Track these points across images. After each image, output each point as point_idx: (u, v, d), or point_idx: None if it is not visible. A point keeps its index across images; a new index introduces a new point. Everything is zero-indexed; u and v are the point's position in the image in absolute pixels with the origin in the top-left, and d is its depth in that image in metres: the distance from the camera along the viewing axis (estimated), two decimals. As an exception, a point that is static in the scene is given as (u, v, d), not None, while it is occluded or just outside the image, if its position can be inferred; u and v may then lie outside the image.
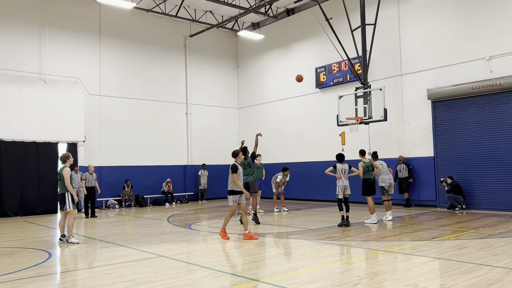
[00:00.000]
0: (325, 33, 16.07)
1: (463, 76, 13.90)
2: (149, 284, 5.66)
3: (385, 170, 11.74)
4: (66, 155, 9.38)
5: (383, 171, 11.70)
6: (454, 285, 5.23)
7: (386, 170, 11.78)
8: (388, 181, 11.65)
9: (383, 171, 11.69)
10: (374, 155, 11.99)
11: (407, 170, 14.85)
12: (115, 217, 14.68)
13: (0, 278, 6.13)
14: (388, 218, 11.49)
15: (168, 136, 20.15)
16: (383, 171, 11.70)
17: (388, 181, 11.64)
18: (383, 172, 11.67)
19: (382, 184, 11.66)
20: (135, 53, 19.32)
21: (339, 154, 11.07)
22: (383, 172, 11.69)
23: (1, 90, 15.01)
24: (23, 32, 16.39)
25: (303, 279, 5.70)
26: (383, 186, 11.66)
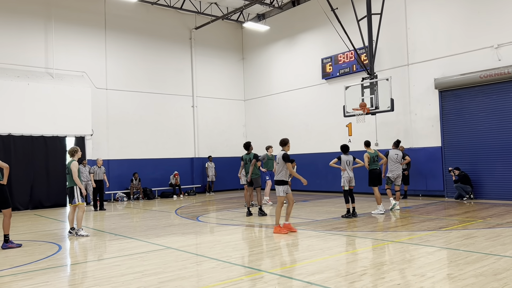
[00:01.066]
0: (331, 23, 15.96)
1: (471, 65, 13.75)
2: (157, 275, 5.72)
3: (395, 161, 11.71)
4: (74, 149, 9.47)
5: (392, 161, 11.65)
6: (461, 274, 5.23)
7: (396, 161, 11.74)
8: (396, 173, 11.67)
9: (392, 161, 11.64)
10: (397, 143, 12.03)
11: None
12: (123, 209, 14.82)
13: (12, 270, 6.24)
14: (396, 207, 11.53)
15: (175, 128, 20.22)
16: (391, 162, 11.66)
17: (396, 173, 11.66)
18: (391, 162, 11.63)
19: (389, 174, 11.68)
20: (140, 46, 19.34)
21: (344, 145, 10.95)
22: (391, 162, 11.66)
23: (9, 85, 15.12)
24: (29, 27, 16.46)
25: (310, 269, 5.73)
26: (389, 176, 11.68)
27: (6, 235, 8.06)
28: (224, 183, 21.15)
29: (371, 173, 11.26)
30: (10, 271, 6.17)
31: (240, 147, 22.12)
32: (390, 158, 11.73)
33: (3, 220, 8.11)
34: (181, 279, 5.51)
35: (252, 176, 11.65)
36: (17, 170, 15.10)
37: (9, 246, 7.96)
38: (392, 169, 11.68)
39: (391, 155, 11.77)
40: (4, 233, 8.07)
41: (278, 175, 8.75)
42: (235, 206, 14.22)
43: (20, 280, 5.71)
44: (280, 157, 8.72)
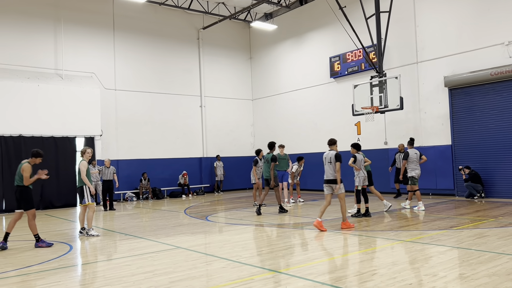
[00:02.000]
0: (339, 21, 15.89)
1: (481, 62, 13.61)
2: (167, 275, 5.74)
3: (416, 160, 11.51)
4: (83, 149, 9.61)
5: (413, 160, 11.47)
6: (474, 274, 5.17)
7: (417, 160, 11.53)
8: (419, 171, 11.53)
9: (413, 160, 11.46)
10: (412, 142, 11.88)
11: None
12: (133, 209, 14.89)
13: (24, 270, 6.29)
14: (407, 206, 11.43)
15: (183, 128, 20.28)
16: (413, 161, 11.46)
17: (418, 171, 11.51)
18: (413, 161, 11.47)
19: (413, 174, 11.45)
20: (149, 47, 19.42)
21: (357, 143, 10.77)
22: (413, 161, 11.47)
23: (20, 87, 15.27)
24: (39, 28, 16.60)
25: (320, 269, 5.71)
26: (413, 176, 11.46)
27: (36, 235, 8.17)
28: (233, 182, 21.17)
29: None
30: (22, 271, 6.22)
31: (248, 147, 22.17)
32: (411, 158, 11.48)
33: (28, 222, 8.19)
34: (192, 278, 5.51)
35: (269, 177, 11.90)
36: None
37: (40, 245, 8.04)
38: (414, 168, 11.49)
39: (411, 155, 11.50)
40: (32, 233, 8.19)
41: (332, 175, 8.88)
42: (244, 206, 14.23)
43: (32, 280, 5.76)
44: (332, 156, 8.90)
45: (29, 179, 8.16)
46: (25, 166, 8.20)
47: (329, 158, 8.97)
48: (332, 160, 8.87)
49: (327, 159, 9.01)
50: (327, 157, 9.02)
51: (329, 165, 8.92)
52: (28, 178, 8.15)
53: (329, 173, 8.91)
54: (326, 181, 8.97)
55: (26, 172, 8.15)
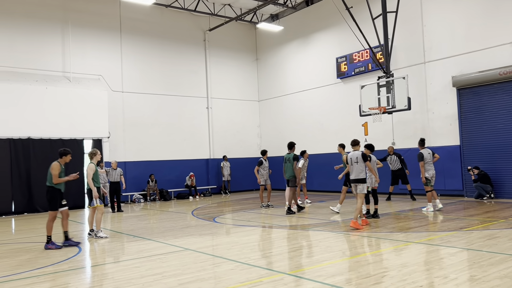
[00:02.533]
0: (346, 22, 15.84)
1: (490, 61, 13.50)
2: (176, 277, 5.74)
3: (430, 161, 11.29)
4: (92, 152, 9.64)
5: (427, 161, 11.26)
6: (485, 276, 5.12)
7: (430, 160, 11.30)
8: (433, 172, 11.26)
9: (427, 161, 11.25)
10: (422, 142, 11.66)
11: (399, 161, 14.09)
12: (140, 211, 14.94)
13: (34, 272, 6.32)
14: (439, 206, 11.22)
15: (190, 130, 20.32)
16: (427, 161, 11.25)
17: (432, 172, 11.24)
18: (427, 162, 11.24)
19: (427, 175, 11.19)
20: (155, 49, 19.49)
21: (371, 144, 10.56)
22: (427, 162, 11.24)
23: (28, 90, 15.38)
24: (47, 31, 16.72)
25: (329, 271, 5.68)
26: (427, 177, 11.19)
27: (49, 236, 8.23)
28: (239, 183, 21.17)
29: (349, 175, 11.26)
30: (32, 273, 6.25)
31: (255, 148, 22.17)
32: (426, 158, 11.23)
33: (47, 221, 8.33)
34: (201, 280, 5.51)
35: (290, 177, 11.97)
36: (37, 172, 15.36)
37: (49, 247, 8.09)
38: (428, 169, 11.25)
39: (425, 155, 11.25)
40: (46, 233, 8.26)
41: (360, 174, 9.13)
42: (251, 207, 14.22)
43: (42, 282, 5.79)
44: (359, 156, 9.18)
45: (58, 178, 8.22)
46: (54, 164, 8.29)
47: (355, 158, 9.25)
48: (359, 160, 9.15)
49: (353, 159, 9.26)
50: (353, 157, 9.27)
51: (356, 164, 9.21)
52: (57, 176, 8.19)
53: (358, 172, 9.18)
54: (354, 180, 9.24)
55: (54, 170, 8.21)
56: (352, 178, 9.30)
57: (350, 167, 9.36)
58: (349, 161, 9.35)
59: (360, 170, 9.16)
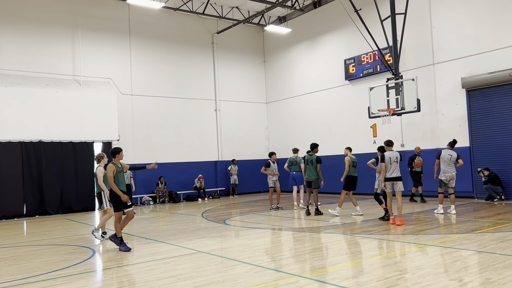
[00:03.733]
0: (354, 24, 15.86)
1: (499, 63, 13.46)
2: (192, 279, 5.80)
3: (448, 162, 10.97)
4: (100, 155, 9.70)
5: (444, 161, 11.00)
6: (500, 279, 5.13)
7: (449, 162, 10.98)
8: (450, 174, 10.98)
9: (444, 161, 11.01)
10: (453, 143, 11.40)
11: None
12: (150, 213, 15.04)
13: (51, 274, 6.41)
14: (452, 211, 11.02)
15: (198, 132, 20.42)
16: (444, 161, 11.00)
17: (449, 174, 10.98)
18: (444, 162, 11.02)
19: (442, 177, 11.06)
20: (164, 52, 19.62)
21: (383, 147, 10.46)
22: (446, 163, 11.00)
23: (39, 93, 15.55)
24: (57, 35, 16.90)
25: (344, 274, 5.71)
26: (442, 179, 11.06)
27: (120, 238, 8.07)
28: (248, 186, 21.23)
29: (350, 178, 11.53)
30: (49, 275, 6.34)
31: (263, 150, 22.21)
32: (442, 159, 11.04)
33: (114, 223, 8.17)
34: (216, 283, 5.57)
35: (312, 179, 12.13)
36: (48, 175, 15.54)
37: (121, 249, 7.96)
38: (445, 171, 11.02)
39: (443, 155, 11.06)
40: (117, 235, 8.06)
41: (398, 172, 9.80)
42: (261, 209, 14.26)
43: (60, 284, 5.87)
44: (398, 156, 9.90)
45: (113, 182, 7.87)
46: (109, 166, 7.97)
47: (394, 157, 9.81)
48: (398, 159, 9.85)
49: (392, 158, 9.80)
50: (392, 157, 9.81)
51: (395, 164, 9.78)
52: (112, 178, 7.86)
53: (398, 171, 9.80)
54: (394, 178, 9.76)
55: (109, 172, 7.89)
56: (393, 176, 9.75)
57: (388, 166, 9.75)
58: (388, 160, 9.76)
59: (398, 169, 9.77)
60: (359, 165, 12.26)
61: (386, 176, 9.79)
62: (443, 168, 11.04)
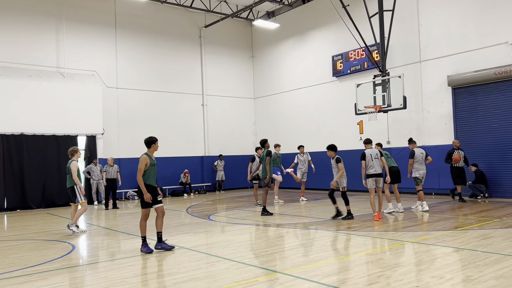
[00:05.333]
0: (342, 20, 15.82)
1: (485, 61, 13.53)
2: (172, 276, 5.70)
3: (421, 160, 11.22)
4: (74, 149, 9.60)
5: (417, 160, 11.21)
6: (481, 276, 5.12)
7: (422, 160, 11.22)
8: (423, 172, 11.21)
9: (417, 160, 11.21)
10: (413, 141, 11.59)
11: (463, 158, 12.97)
12: (134, 208, 14.86)
13: (27, 270, 6.25)
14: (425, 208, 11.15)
15: (185, 127, 20.23)
16: (417, 160, 11.21)
17: (422, 171, 11.20)
18: (417, 160, 11.22)
19: (417, 174, 11.19)
20: (150, 45, 19.36)
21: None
22: (417, 160, 11.22)
23: (21, 85, 15.22)
24: (41, 26, 16.55)
25: (325, 271, 5.66)
26: (417, 176, 11.20)
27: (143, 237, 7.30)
28: (234, 181, 21.13)
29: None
30: (25, 271, 6.18)
31: (250, 145, 22.13)
32: (416, 157, 11.22)
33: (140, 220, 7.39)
34: (196, 280, 5.47)
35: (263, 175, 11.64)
36: (30, 169, 15.24)
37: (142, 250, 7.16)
38: (418, 168, 11.22)
39: (417, 154, 11.23)
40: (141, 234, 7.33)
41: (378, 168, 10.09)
42: (246, 205, 14.19)
43: (35, 280, 5.72)
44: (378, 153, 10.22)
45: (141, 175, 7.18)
46: (142, 157, 7.27)
47: (375, 154, 10.09)
48: (378, 156, 10.14)
49: (373, 155, 10.06)
50: (373, 154, 10.09)
51: (376, 160, 10.06)
52: (142, 171, 7.17)
53: (378, 167, 10.08)
54: (378, 174, 10.05)
55: (141, 163, 7.18)
56: (376, 173, 10.01)
57: (370, 162, 9.97)
58: (369, 157, 10.00)
59: (379, 165, 10.09)
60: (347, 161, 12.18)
61: (369, 173, 10.02)
62: (417, 166, 11.30)
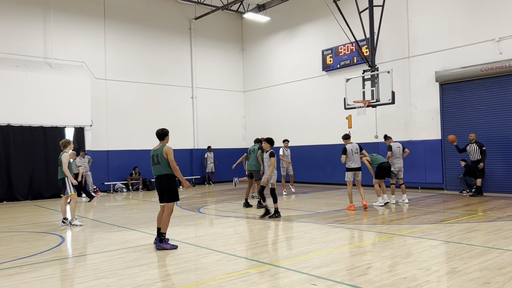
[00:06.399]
0: (332, 15, 15.88)
1: (472, 58, 13.74)
2: (163, 268, 5.74)
3: (397, 154, 11.54)
4: (66, 141, 9.61)
5: (396, 154, 11.53)
6: (466, 268, 5.27)
7: (398, 154, 11.56)
8: (398, 166, 11.55)
9: (396, 155, 11.53)
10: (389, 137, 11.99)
11: (479, 151, 12.66)
12: (123, 200, 14.82)
13: (17, 262, 6.23)
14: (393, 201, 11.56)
15: (174, 120, 20.14)
16: (396, 155, 11.53)
17: (397, 165, 11.54)
18: (394, 155, 11.52)
19: (392, 168, 11.52)
20: (140, 37, 19.19)
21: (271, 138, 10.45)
22: (395, 155, 11.53)
23: (8, 75, 15.00)
24: (28, 16, 16.27)
25: (315, 263, 5.76)
26: (392, 170, 11.53)
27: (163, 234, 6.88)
28: (223, 174, 21.15)
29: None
30: (15, 263, 6.16)
31: (239, 139, 22.18)
32: (394, 151, 11.51)
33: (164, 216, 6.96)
34: (187, 271, 5.53)
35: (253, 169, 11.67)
36: (17, 160, 15.07)
37: (163, 247, 6.75)
38: (393, 162, 11.54)
39: (394, 148, 11.53)
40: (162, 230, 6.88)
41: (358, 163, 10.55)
42: (236, 198, 14.26)
43: (26, 272, 5.71)
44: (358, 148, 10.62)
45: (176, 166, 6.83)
46: (167, 148, 6.89)
47: (355, 149, 10.50)
48: (358, 150, 10.53)
49: (353, 150, 10.48)
50: (353, 149, 10.48)
51: (356, 155, 10.50)
52: (174, 161, 6.83)
53: (358, 162, 10.54)
54: (355, 169, 10.51)
55: (170, 154, 6.84)
56: (355, 167, 10.50)
57: (350, 157, 10.43)
58: (350, 152, 10.43)
59: (359, 160, 10.57)
60: (336, 155, 12.34)
61: (348, 167, 10.56)
62: (392, 160, 11.57)
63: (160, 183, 7.01)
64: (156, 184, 7.13)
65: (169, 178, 6.98)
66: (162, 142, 7.14)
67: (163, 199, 7.12)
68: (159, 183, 7.03)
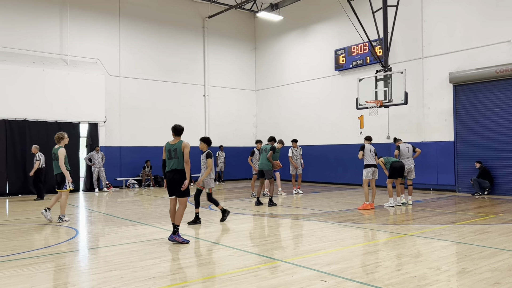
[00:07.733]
0: (346, 14, 15.87)
1: (487, 59, 13.63)
2: (175, 261, 5.84)
3: (406, 155, 11.47)
4: (60, 135, 9.30)
5: (405, 155, 11.49)
6: (476, 269, 5.27)
7: (408, 155, 11.48)
8: (408, 167, 11.41)
9: (404, 155, 11.49)
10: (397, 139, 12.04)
11: None
12: (135, 196, 15.00)
13: (33, 253, 6.39)
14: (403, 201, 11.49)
15: (186, 117, 20.26)
16: (404, 156, 11.50)
17: (407, 167, 11.41)
18: (403, 156, 11.49)
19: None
20: (154, 35, 19.37)
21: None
22: (404, 156, 11.49)
23: (25, 71, 15.27)
24: (45, 13, 16.55)
25: (325, 260, 5.81)
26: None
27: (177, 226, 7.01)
28: (234, 172, 21.27)
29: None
30: (31, 254, 6.32)
31: (250, 137, 22.25)
32: (401, 152, 11.47)
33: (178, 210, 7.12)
34: (199, 265, 5.62)
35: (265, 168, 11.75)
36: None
37: (176, 239, 6.88)
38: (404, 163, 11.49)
39: (402, 148, 11.50)
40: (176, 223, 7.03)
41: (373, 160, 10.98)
42: (246, 196, 14.33)
43: (42, 262, 5.85)
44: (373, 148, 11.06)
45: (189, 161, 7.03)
46: (186, 143, 7.12)
47: (373, 150, 10.99)
48: (374, 153, 11.00)
49: (371, 149, 10.96)
50: (371, 148, 10.98)
51: (372, 154, 10.94)
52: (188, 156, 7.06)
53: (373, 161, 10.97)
54: (373, 165, 10.93)
55: (187, 149, 7.07)
56: (374, 163, 10.91)
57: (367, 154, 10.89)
58: (368, 149, 10.92)
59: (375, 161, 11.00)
60: (347, 155, 12.37)
61: (367, 163, 10.93)
62: (404, 160, 11.50)
63: (174, 177, 7.08)
64: (168, 177, 7.17)
65: (183, 174, 7.08)
66: (178, 138, 7.23)
67: (175, 192, 7.17)
68: (173, 177, 7.09)
